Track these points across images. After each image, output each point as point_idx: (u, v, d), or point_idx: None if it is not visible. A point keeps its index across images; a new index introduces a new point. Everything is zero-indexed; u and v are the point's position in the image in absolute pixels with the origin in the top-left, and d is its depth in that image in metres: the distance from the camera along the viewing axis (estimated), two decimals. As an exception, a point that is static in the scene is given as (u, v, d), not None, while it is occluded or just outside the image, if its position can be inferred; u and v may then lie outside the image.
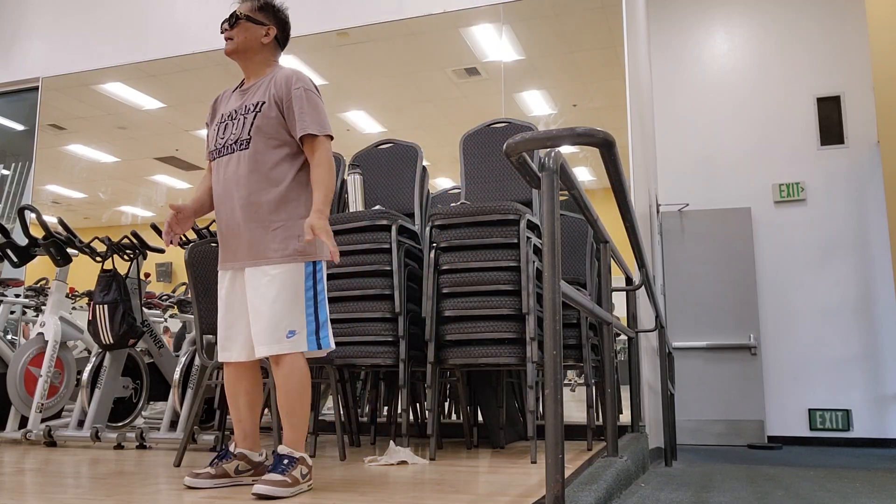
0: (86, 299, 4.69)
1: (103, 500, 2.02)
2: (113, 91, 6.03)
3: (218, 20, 5.58)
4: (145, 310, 4.03)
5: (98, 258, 3.82)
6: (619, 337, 4.39)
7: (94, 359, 3.81)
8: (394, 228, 3.07)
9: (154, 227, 3.81)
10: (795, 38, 7.43)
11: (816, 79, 7.31)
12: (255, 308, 2.24)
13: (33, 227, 3.88)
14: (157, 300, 4.75)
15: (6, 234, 3.90)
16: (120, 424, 3.89)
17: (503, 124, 3.53)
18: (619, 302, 4.39)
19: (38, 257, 3.95)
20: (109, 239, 3.80)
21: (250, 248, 2.26)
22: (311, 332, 2.24)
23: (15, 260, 3.90)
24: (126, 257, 3.82)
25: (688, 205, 7.35)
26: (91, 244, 3.90)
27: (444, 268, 2.98)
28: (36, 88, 6.21)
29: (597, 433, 3.48)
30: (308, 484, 2.18)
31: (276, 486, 2.05)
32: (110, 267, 3.72)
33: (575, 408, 4.00)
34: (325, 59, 5.40)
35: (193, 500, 2.03)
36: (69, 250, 3.87)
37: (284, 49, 2.51)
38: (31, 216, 3.87)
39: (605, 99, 4.89)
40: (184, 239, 3.82)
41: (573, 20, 4.98)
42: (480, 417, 3.60)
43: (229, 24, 2.36)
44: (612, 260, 3.22)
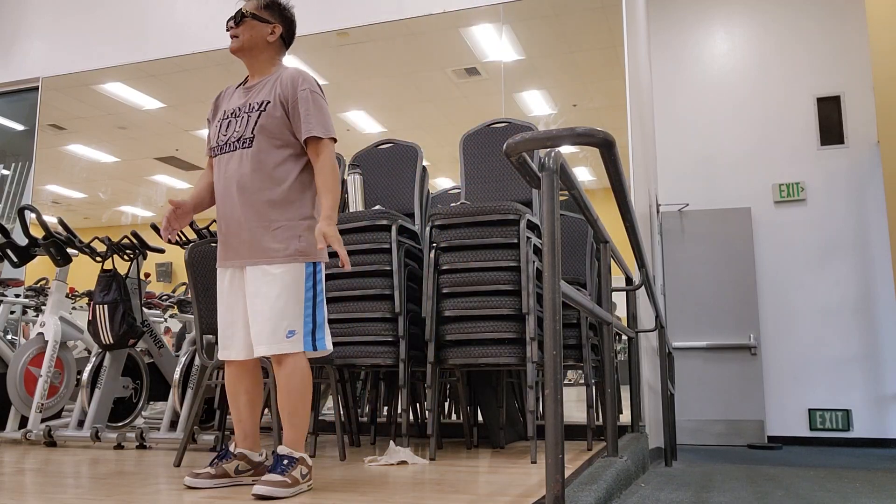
0: (86, 299, 4.69)
1: (103, 500, 2.02)
2: (113, 91, 6.03)
3: (218, 20, 5.60)
4: (145, 310, 4.03)
5: (98, 258, 3.82)
6: (621, 337, 4.39)
7: (94, 359, 3.81)
8: (394, 228, 3.07)
9: (154, 227, 3.80)
10: (795, 38, 7.43)
11: (816, 79, 7.31)
12: (255, 307, 2.23)
13: (33, 227, 3.88)
14: (157, 300, 4.75)
15: (6, 234, 3.90)
16: (120, 424, 3.89)
17: (503, 124, 3.53)
18: (619, 302, 4.39)
19: (38, 257, 3.95)
20: (109, 239, 3.80)
21: (251, 246, 2.26)
22: (308, 333, 2.23)
23: (15, 260, 3.90)
24: (126, 257, 3.82)
25: (688, 205, 7.35)
26: (91, 244, 3.90)
27: (444, 268, 2.98)
28: (36, 88, 6.21)
29: (597, 433, 3.48)
30: (308, 484, 2.18)
31: (276, 487, 2.05)
32: (110, 267, 3.72)
33: (575, 408, 4.00)
34: (325, 59, 5.40)
35: (193, 500, 2.03)
36: (69, 250, 3.87)
37: (289, 47, 2.50)
38: (31, 216, 3.87)
39: (605, 99, 4.89)
40: (184, 238, 3.83)
41: (573, 20, 4.98)
42: (480, 417, 3.60)
43: (235, 21, 2.36)
44: (612, 260, 3.22)
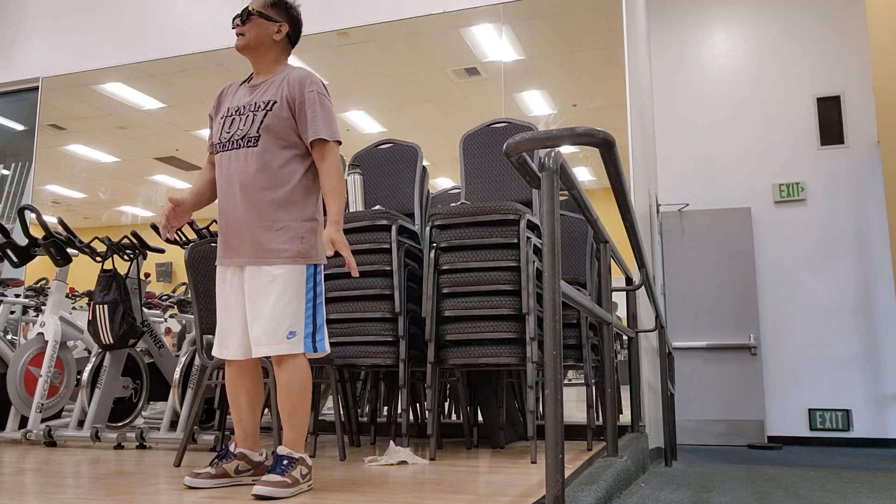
0: (86, 299, 4.69)
1: (103, 500, 2.02)
2: (113, 91, 6.03)
3: (218, 20, 5.62)
4: (145, 310, 4.03)
5: (98, 258, 3.82)
6: (622, 338, 4.39)
7: (94, 359, 3.81)
8: (394, 228, 3.07)
9: (154, 227, 3.80)
10: (795, 38, 7.43)
11: (816, 79, 7.31)
12: (255, 308, 2.23)
13: (33, 227, 3.88)
14: (157, 300, 4.75)
15: (6, 234, 3.90)
16: (120, 424, 3.89)
17: (503, 124, 3.53)
18: (619, 302, 4.39)
19: (38, 257, 3.95)
20: (109, 239, 3.80)
21: (252, 246, 2.25)
22: (308, 335, 2.23)
23: (15, 260, 3.90)
24: (126, 257, 3.82)
25: (688, 205, 7.35)
26: (91, 244, 3.90)
27: (444, 268, 2.98)
28: (36, 88, 6.21)
29: (597, 433, 3.48)
30: (308, 484, 2.18)
31: (276, 487, 2.05)
32: (110, 267, 3.72)
33: (575, 408, 4.00)
34: (325, 59, 5.40)
35: (193, 500, 2.03)
36: (69, 250, 3.87)
37: (295, 46, 2.49)
38: (31, 216, 3.87)
39: (605, 99, 4.89)
40: (184, 238, 3.83)
41: (573, 20, 4.98)
42: (480, 417, 3.60)
43: (241, 19, 2.34)
44: (612, 260, 3.22)
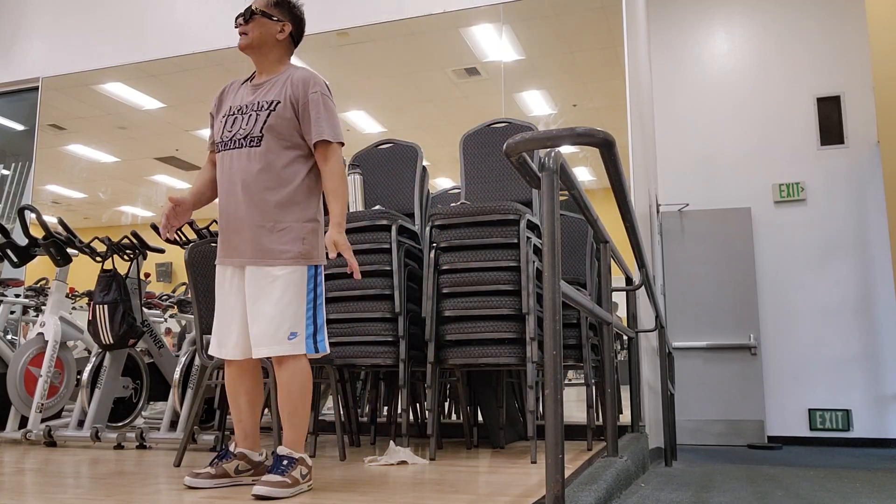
0: (86, 299, 4.69)
1: (103, 500, 2.02)
2: (113, 91, 6.03)
3: (218, 20, 5.62)
4: (145, 310, 4.03)
5: (98, 258, 3.82)
6: (623, 338, 4.39)
7: (94, 359, 3.81)
8: (394, 228, 3.07)
9: (154, 227, 3.80)
10: (795, 38, 7.43)
11: (816, 79, 7.31)
12: (256, 308, 2.23)
13: (33, 227, 3.88)
14: (157, 300, 4.75)
15: (6, 234, 3.90)
16: (120, 424, 3.89)
17: (503, 124, 3.53)
18: (619, 302, 4.39)
19: (38, 257, 3.95)
20: (109, 239, 3.80)
21: (254, 246, 2.25)
22: (309, 336, 2.23)
23: (15, 260, 3.90)
24: (126, 257, 3.82)
25: (688, 205, 7.35)
26: (91, 244, 3.90)
27: (444, 268, 2.98)
28: (36, 88, 6.21)
29: (597, 433, 3.48)
30: (308, 484, 2.18)
31: (276, 487, 2.05)
32: (110, 267, 3.72)
33: (575, 408, 4.00)
34: (325, 59, 5.40)
35: (193, 500, 2.03)
36: (69, 250, 3.87)
37: (298, 46, 2.49)
38: (31, 216, 3.87)
39: (605, 99, 4.89)
40: (184, 238, 3.83)
41: (573, 20, 4.98)
42: (480, 417, 3.60)
43: (244, 18, 2.33)
44: (612, 260, 3.22)
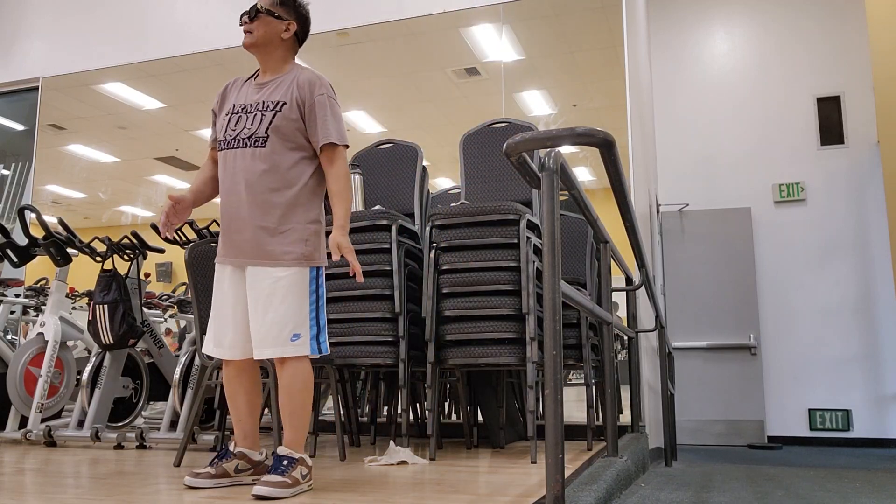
0: (86, 299, 4.69)
1: (103, 500, 2.02)
2: (113, 91, 6.03)
3: (218, 20, 5.62)
4: (145, 310, 4.03)
5: (98, 258, 3.82)
6: (624, 339, 4.39)
7: (94, 359, 3.81)
8: (394, 228, 3.07)
9: (154, 227, 3.80)
10: (795, 38, 7.43)
11: (816, 79, 7.31)
12: (258, 309, 2.22)
13: (33, 227, 3.88)
14: (157, 300, 4.75)
15: (6, 234, 3.90)
16: (120, 424, 3.89)
17: (503, 124, 3.53)
18: (619, 302, 4.39)
19: (38, 257, 3.95)
20: (109, 239, 3.80)
21: (257, 247, 2.24)
22: (313, 337, 2.24)
23: (15, 260, 3.90)
24: (126, 257, 3.82)
25: (688, 205, 7.35)
26: (91, 244, 3.90)
27: (444, 268, 2.98)
28: (36, 88, 6.21)
29: (597, 433, 3.48)
30: (308, 484, 2.18)
31: (277, 487, 2.05)
32: (110, 267, 3.72)
33: (575, 408, 4.00)
34: (325, 59, 5.40)
35: (193, 500, 2.03)
36: (69, 250, 3.87)
37: (302, 45, 2.47)
38: (31, 216, 3.87)
39: (605, 99, 4.89)
40: (184, 238, 3.83)
41: (573, 20, 4.98)
42: (480, 417, 3.60)
43: (249, 17, 2.32)
44: (612, 260, 3.22)
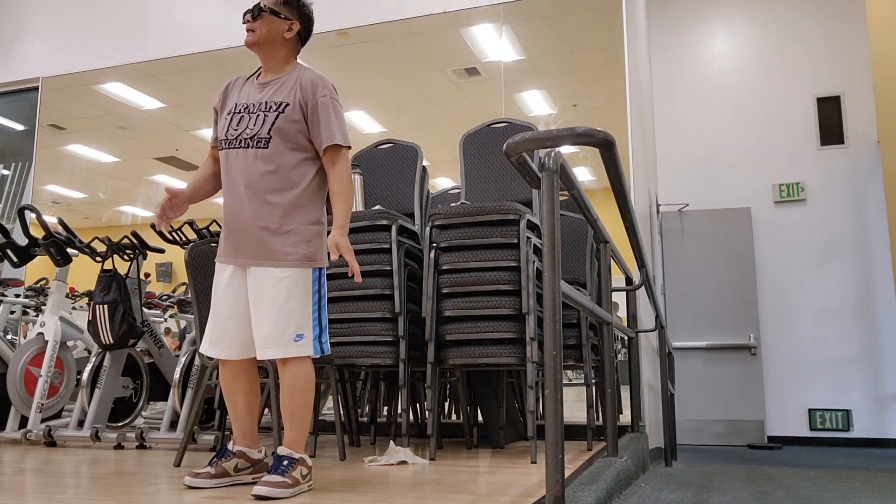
0: (86, 299, 4.69)
1: (103, 500, 2.02)
2: (113, 91, 6.03)
3: (218, 20, 5.62)
4: (145, 310, 4.03)
5: (98, 258, 3.82)
6: (623, 337, 4.39)
7: (94, 359, 3.81)
8: (394, 228, 3.07)
9: (154, 227, 3.80)
10: (795, 38, 7.43)
11: (816, 79, 7.31)
12: (261, 310, 2.22)
13: (33, 227, 3.88)
14: (157, 300, 4.75)
15: (6, 234, 3.90)
16: (120, 424, 3.89)
17: (503, 124, 3.53)
18: (619, 302, 4.39)
19: (38, 257, 3.95)
20: (109, 239, 3.80)
21: (259, 247, 2.24)
22: (315, 337, 2.24)
23: (15, 260, 3.90)
24: (126, 257, 3.82)
25: (688, 205, 7.35)
26: (91, 244, 3.90)
27: (444, 268, 2.98)
28: (36, 88, 6.21)
29: (597, 433, 3.48)
30: (308, 484, 2.18)
31: (277, 487, 2.05)
32: (110, 267, 3.72)
33: (575, 408, 4.00)
34: (325, 59, 5.40)
35: (193, 500, 2.03)
36: (69, 250, 3.87)
37: (305, 45, 2.46)
38: (31, 216, 3.87)
39: (605, 99, 4.89)
40: (184, 238, 3.83)
41: (573, 20, 4.98)
42: (480, 417, 3.60)
43: (252, 15, 2.32)
44: (612, 260, 3.22)
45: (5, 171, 6.62)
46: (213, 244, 3.04)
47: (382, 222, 3.08)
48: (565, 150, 2.63)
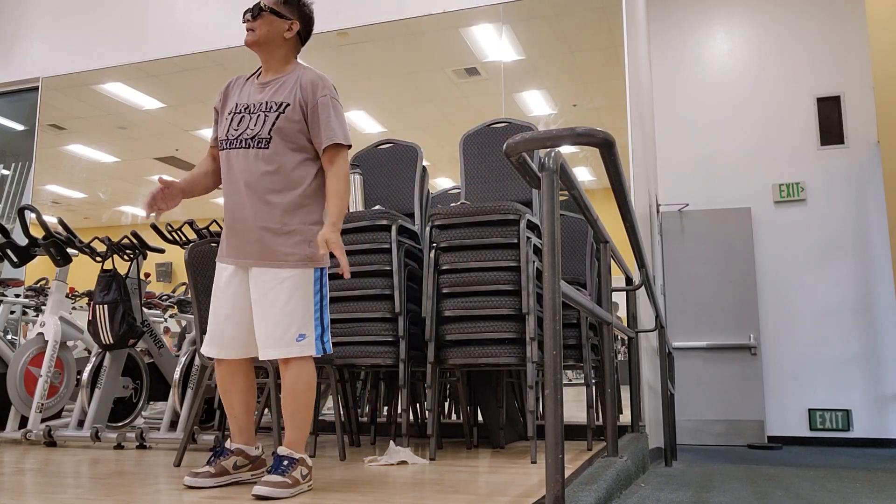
0: (86, 299, 4.69)
1: (103, 500, 2.02)
2: (113, 91, 6.03)
3: (218, 20, 5.61)
4: (145, 310, 4.03)
5: (98, 258, 3.82)
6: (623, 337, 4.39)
7: (94, 359, 3.81)
8: (394, 228, 3.07)
9: (154, 227, 3.81)
10: (795, 38, 7.43)
11: (816, 79, 7.31)
12: (263, 310, 2.22)
13: (33, 227, 3.88)
14: (157, 300, 4.75)
15: (6, 234, 3.90)
16: (120, 424, 3.89)
17: (503, 124, 3.53)
18: (619, 302, 4.39)
19: (38, 257, 3.95)
20: (109, 239, 3.80)
21: (260, 248, 2.24)
22: (318, 337, 2.24)
23: (15, 260, 3.90)
24: (126, 257, 3.82)
25: (688, 205, 7.35)
26: (91, 244, 3.90)
27: (444, 268, 2.98)
28: (36, 88, 6.21)
29: (597, 433, 3.48)
30: (308, 484, 2.18)
31: (277, 487, 2.05)
32: (110, 267, 3.72)
33: (575, 408, 4.00)
34: (325, 59, 5.40)
35: (193, 500, 2.03)
36: (69, 250, 3.87)
37: (305, 45, 2.46)
38: (31, 216, 3.87)
39: (605, 99, 4.89)
40: (183, 238, 3.83)
41: (573, 20, 4.98)
42: (480, 417, 3.60)
43: (252, 14, 2.32)
44: (612, 260, 3.22)
45: (5, 171, 6.62)
46: (213, 244, 3.04)
47: (382, 222, 3.08)
48: (565, 150, 2.63)
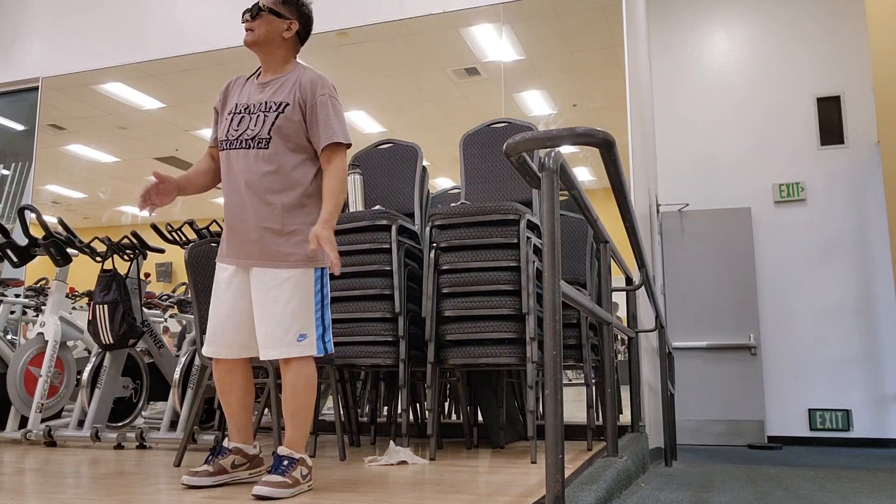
0: (86, 299, 4.69)
1: (103, 500, 2.02)
2: (113, 91, 6.03)
3: (218, 20, 5.61)
4: (145, 310, 4.03)
5: (98, 258, 3.82)
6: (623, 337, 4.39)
7: (94, 359, 3.81)
8: (394, 228, 3.07)
9: (154, 227, 3.81)
10: (795, 38, 7.43)
11: (816, 79, 7.31)
12: (264, 310, 2.22)
13: (33, 227, 3.88)
14: (157, 300, 4.75)
15: (6, 234, 3.90)
16: (120, 424, 3.89)
17: (503, 124, 3.53)
18: (619, 302, 4.39)
19: (38, 257, 3.95)
20: (109, 239, 3.80)
21: (262, 248, 2.24)
22: (319, 337, 2.24)
23: (15, 260, 3.90)
24: (126, 257, 3.82)
25: (688, 205, 7.35)
26: (91, 244, 3.90)
27: (444, 268, 2.98)
28: (36, 88, 6.21)
29: (597, 433, 3.48)
30: (308, 484, 2.18)
31: (277, 487, 2.05)
32: (110, 267, 3.72)
33: (575, 408, 4.00)
34: (325, 59, 5.40)
35: (193, 500, 2.03)
36: (69, 250, 3.87)
37: (304, 44, 2.46)
38: (31, 216, 3.87)
39: (605, 99, 4.89)
40: (183, 238, 3.83)
41: (573, 20, 4.98)
42: (480, 417, 3.60)
43: (251, 14, 2.31)
44: (612, 260, 3.22)
45: (5, 171, 6.62)
46: (213, 244, 3.04)
47: (382, 222, 3.08)
48: (565, 150, 2.63)
